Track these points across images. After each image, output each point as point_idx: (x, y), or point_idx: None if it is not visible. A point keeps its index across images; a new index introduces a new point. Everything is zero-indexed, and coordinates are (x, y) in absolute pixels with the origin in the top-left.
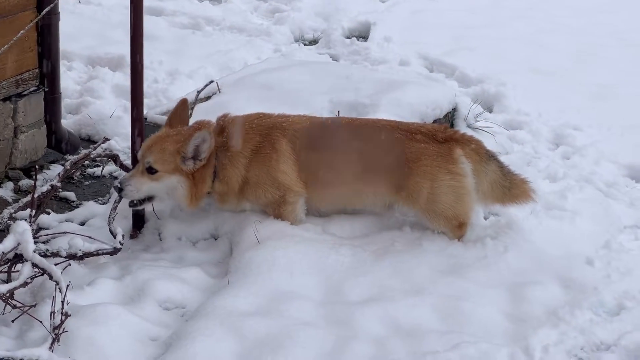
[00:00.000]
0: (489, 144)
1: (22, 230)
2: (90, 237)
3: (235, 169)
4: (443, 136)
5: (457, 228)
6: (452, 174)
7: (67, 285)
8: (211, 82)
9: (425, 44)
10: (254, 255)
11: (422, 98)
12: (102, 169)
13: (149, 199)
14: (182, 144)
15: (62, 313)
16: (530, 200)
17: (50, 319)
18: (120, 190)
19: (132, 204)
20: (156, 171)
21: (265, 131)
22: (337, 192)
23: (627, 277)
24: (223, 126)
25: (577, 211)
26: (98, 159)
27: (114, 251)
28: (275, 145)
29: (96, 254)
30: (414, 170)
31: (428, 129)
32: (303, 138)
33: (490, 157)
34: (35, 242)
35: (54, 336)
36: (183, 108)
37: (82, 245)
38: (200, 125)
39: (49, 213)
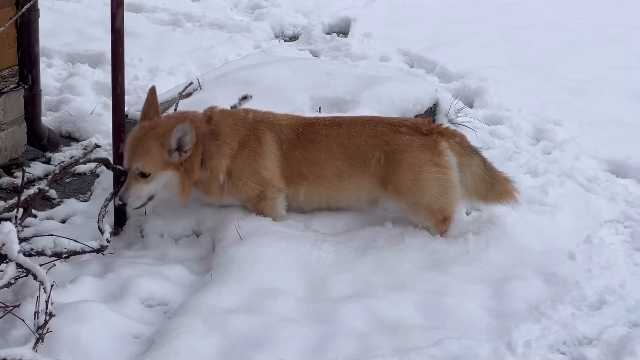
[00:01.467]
0: (471, 139)
1: (7, 231)
2: (75, 240)
3: (222, 158)
4: (427, 129)
5: (441, 222)
6: (438, 166)
7: (52, 285)
8: (191, 83)
9: (405, 40)
10: (236, 252)
11: (403, 94)
12: (96, 169)
13: (150, 198)
14: (163, 138)
15: (46, 313)
16: (513, 201)
17: (35, 318)
18: (124, 205)
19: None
20: (148, 174)
21: (252, 125)
22: (323, 189)
23: (608, 272)
24: (210, 116)
25: (558, 206)
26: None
27: (101, 249)
28: (261, 139)
29: (82, 252)
30: (400, 163)
31: (412, 122)
32: (289, 134)
33: (473, 151)
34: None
35: (37, 336)
36: (153, 97)
37: (67, 243)
38: (182, 116)
39: (35, 216)
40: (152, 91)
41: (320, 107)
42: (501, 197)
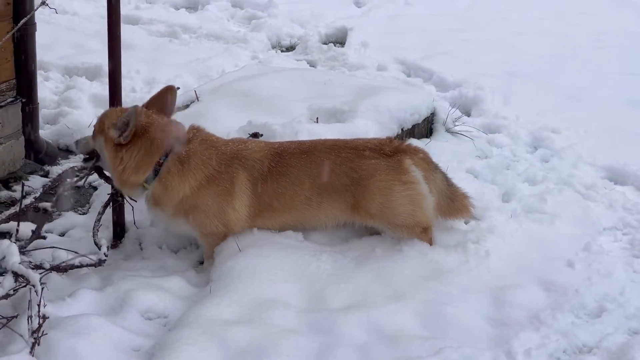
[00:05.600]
0: (469, 148)
1: (7, 244)
2: (75, 252)
3: (180, 183)
4: (390, 149)
5: (422, 233)
6: (405, 184)
7: (43, 288)
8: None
9: (402, 49)
10: (235, 263)
11: (400, 103)
12: (85, 180)
13: (91, 156)
14: (118, 116)
15: (39, 316)
16: (469, 216)
17: (28, 322)
18: (76, 142)
19: (85, 160)
20: (94, 133)
21: (227, 162)
22: (292, 218)
23: (608, 279)
24: (190, 139)
25: (557, 214)
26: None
27: (99, 263)
28: (234, 179)
29: (80, 266)
30: (369, 188)
31: (374, 144)
32: (260, 169)
33: (436, 167)
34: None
35: (33, 340)
36: (168, 95)
37: (65, 256)
38: (168, 122)
39: (45, 237)
40: (168, 89)
41: (317, 118)
42: (458, 213)
